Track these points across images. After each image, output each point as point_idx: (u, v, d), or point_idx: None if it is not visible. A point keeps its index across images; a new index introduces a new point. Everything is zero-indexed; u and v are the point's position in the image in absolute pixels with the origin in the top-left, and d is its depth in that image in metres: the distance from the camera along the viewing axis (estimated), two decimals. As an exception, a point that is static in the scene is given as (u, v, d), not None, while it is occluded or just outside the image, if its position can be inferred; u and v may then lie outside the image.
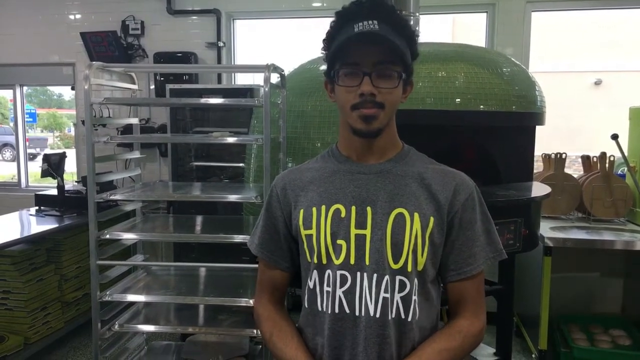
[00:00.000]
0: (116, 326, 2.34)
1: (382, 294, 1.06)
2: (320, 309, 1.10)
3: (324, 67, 1.15)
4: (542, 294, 2.80)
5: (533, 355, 3.04)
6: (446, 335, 1.11)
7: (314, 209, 1.11)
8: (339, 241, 1.08)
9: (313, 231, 1.10)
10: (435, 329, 1.14)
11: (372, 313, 1.06)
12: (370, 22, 1.02)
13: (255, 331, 2.28)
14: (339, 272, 1.07)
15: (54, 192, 3.67)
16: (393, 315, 1.06)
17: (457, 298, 1.14)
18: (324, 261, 1.09)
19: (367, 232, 1.07)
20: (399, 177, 1.11)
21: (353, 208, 1.09)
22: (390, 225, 1.06)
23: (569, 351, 2.88)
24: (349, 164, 1.14)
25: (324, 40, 1.12)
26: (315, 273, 1.11)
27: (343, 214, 1.09)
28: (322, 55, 1.13)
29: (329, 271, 1.09)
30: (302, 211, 1.13)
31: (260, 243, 1.21)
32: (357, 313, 1.06)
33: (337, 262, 1.08)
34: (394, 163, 1.13)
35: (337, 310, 1.08)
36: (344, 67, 1.06)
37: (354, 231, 1.07)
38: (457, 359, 1.09)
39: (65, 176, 3.71)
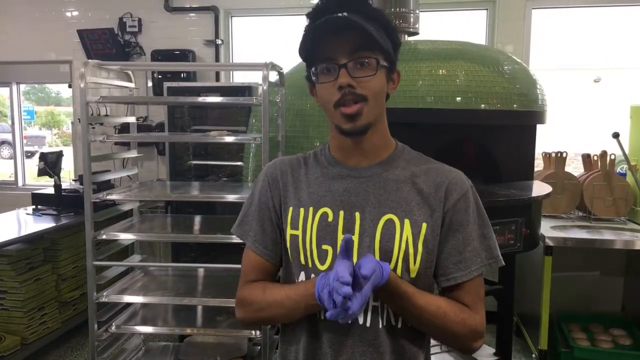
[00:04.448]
0: (113, 327, 2.32)
1: (371, 302, 1.01)
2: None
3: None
4: (543, 294, 2.79)
5: (533, 355, 3.02)
6: (451, 304, 1.02)
7: (302, 210, 1.06)
8: (325, 246, 1.03)
9: (299, 232, 1.05)
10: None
11: (361, 321, 1.02)
12: (339, 14, 0.97)
13: (253, 332, 2.26)
14: None
15: (51, 190, 3.64)
16: (384, 323, 1.02)
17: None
18: (309, 265, 1.05)
19: (355, 238, 1.02)
20: (391, 181, 1.05)
21: (341, 213, 1.03)
22: (379, 232, 1.01)
23: (569, 351, 2.87)
24: (339, 167, 1.08)
25: (299, 48, 1.05)
26: (302, 274, 1.07)
27: (330, 218, 1.04)
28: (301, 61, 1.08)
29: (313, 275, 1.04)
30: (290, 209, 1.08)
31: (254, 235, 1.12)
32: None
33: (322, 267, 1.03)
34: (385, 166, 1.07)
35: (323, 317, 1.02)
36: (319, 64, 1.00)
37: (340, 237, 1.01)
38: (445, 332, 1.01)
39: (62, 174, 3.69)
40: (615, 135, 2.96)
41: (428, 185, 1.05)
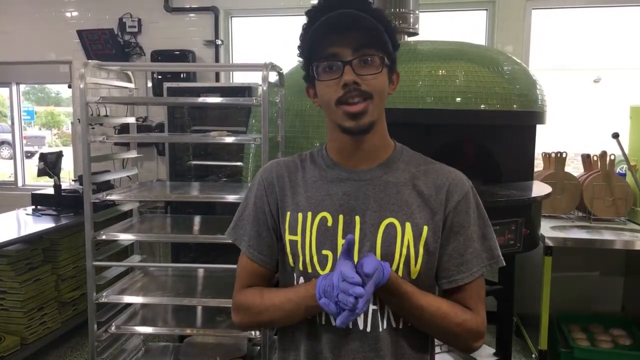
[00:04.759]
0: (113, 328, 2.32)
1: (371, 307, 1.01)
2: (305, 319, 1.03)
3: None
4: (543, 294, 2.79)
5: (533, 356, 3.02)
6: (452, 306, 1.02)
7: (300, 215, 1.04)
8: (325, 251, 1.01)
9: (298, 237, 1.04)
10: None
11: (361, 326, 1.01)
12: (347, 10, 0.95)
13: (253, 332, 2.26)
14: None
15: (51, 191, 3.64)
16: (384, 327, 1.02)
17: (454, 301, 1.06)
18: (309, 270, 1.03)
19: (355, 242, 1.00)
20: (391, 184, 1.03)
21: (340, 217, 1.02)
22: (380, 236, 1.00)
23: (569, 351, 2.87)
24: (337, 170, 1.06)
25: (298, 46, 1.04)
26: (301, 280, 1.05)
27: (330, 223, 1.02)
28: (299, 61, 1.06)
29: (314, 280, 1.00)
30: (288, 214, 1.06)
31: (249, 240, 1.10)
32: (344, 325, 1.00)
33: (322, 272, 1.01)
34: (385, 168, 1.05)
35: (323, 322, 1.03)
36: (322, 61, 0.98)
37: (341, 241, 1.00)
38: (446, 332, 1.02)
39: (62, 174, 3.69)
40: (615, 136, 2.96)
41: (428, 187, 1.04)
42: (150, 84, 4.11)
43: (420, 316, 0.99)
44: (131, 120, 2.88)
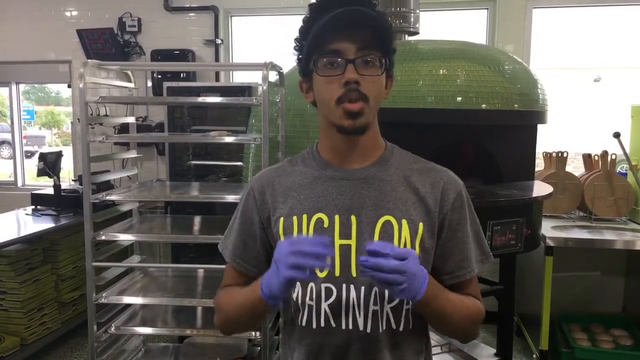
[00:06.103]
0: (112, 328, 2.31)
1: (371, 307, 1.00)
2: (302, 323, 1.04)
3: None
4: (544, 294, 2.78)
5: (534, 356, 3.02)
6: (467, 298, 1.06)
7: (295, 219, 1.04)
8: None
9: None
10: (427, 334, 1.11)
11: (361, 327, 1.00)
12: (360, 8, 0.95)
13: (253, 333, 2.25)
14: (323, 285, 1.01)
15: (51, 191, 3.64)
16: (384, 328, 1.01)
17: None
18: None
19: (352, 242, 1.01)
20: (385, 182, 1.04)
21: (337, 217, 1.02)
22: (377, 235, 1.00)
23: (570, 351, 2.86)
24: (331, 170, 1.06)
25: (296, 38, 1.04)
26: (297, 285, 1.03)
27: (326, 224, 1.02)
28: (295, 54, 1.06)
29: (311, 284, 1.02)
30: (282, 220, 1.05)
31: (234, 250, 1.12)
32: (343, 327, 1.01)
33: (321, 275, 1.01)
34: (378, 167, 1.06)
35: (322, 324, 1.02)
36: (324, 55, 0.97)
37: (338, 241, 1.01)
38: (464, 323, 1.05)
39: (62, 174, 3.68)
40: (616, 135, 2.95)
41: (423, 184, 1.05)
42: (150, 84, 4.10)
43: (448, 313, 1.01)
44: (131, 120, 2.87)
